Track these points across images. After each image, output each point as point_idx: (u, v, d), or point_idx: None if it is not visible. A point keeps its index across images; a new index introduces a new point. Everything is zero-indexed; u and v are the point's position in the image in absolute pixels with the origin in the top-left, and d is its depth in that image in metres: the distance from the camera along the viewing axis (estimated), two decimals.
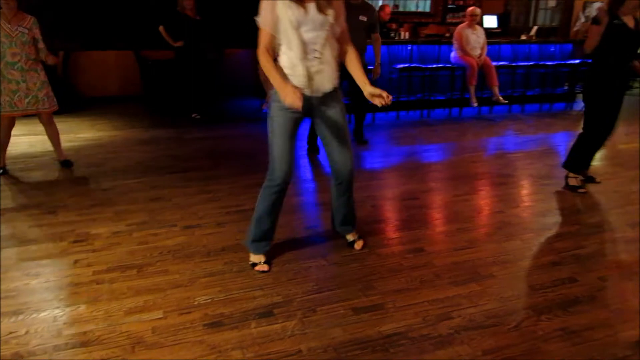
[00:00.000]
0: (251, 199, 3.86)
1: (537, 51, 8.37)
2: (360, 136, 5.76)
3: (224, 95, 8.29)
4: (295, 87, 2.41)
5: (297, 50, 2.46)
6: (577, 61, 8.13)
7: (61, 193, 4.03)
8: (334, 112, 2.67)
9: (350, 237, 3.08)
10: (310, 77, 2.52)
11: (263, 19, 2.46)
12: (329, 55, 2.55)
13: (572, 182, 4.11)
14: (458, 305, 2.46)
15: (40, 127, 4.55)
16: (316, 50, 2.49)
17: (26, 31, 4.27)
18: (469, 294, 2.56)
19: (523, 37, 8.84)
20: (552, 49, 8.46)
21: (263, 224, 2.79)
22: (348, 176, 2.79)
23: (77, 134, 6.03)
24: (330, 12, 2.46)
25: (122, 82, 8.51)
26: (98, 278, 2.69)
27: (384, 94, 2.47)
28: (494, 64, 7.49)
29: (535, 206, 3.85)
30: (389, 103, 2.48)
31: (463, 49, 7.28)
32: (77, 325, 2.26)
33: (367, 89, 2.56)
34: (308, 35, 2.46)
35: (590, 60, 4.03)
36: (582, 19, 11.51)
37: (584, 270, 2.82)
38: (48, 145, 4.73)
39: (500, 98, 7.50)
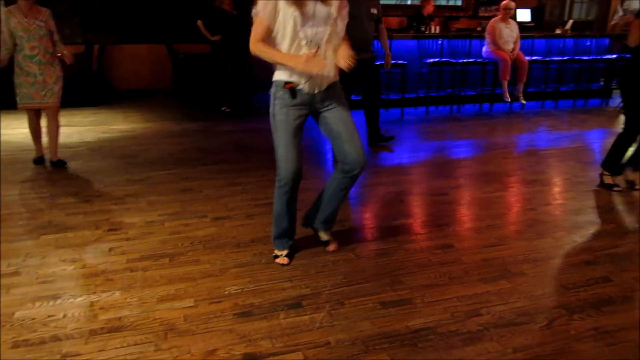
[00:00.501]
0: None
1: (572, 45, 8.17)
2: (378, 135, 5.43)
3: (253, 89, 8.35)
4: (287, 87, 2.40)
5: (299, 49, 2.42)
6: (614, 56, 7.91)
7: (96, 183, 4.14)
8: (338, 104, 2.62)
9: (325, 237, 2.96)
10: (310, 75, 2.46)
11: (263, 9, 2.37)
12: (330, 50, 2.47)
13: (607, 180, 4.01)
14: (487, 302, 2.44)
15: (77, 118, 4.67)
16: (319, 46, 2.42)
17: (43, 24, 4.34)
18: (499, 291, 2.53)
19: (558, 31, 8.62)
20: (588, 43, 8.24)
21: (281, 222, 2.79)
22: (361, 165, 2.64)
23: (111, 125, 6.17)
24: (334, 3, 2.41)
25: (154, 76, 8.67)
26: (132, 266, 2.76)
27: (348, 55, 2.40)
28: (527, 58, 7.35)
29: (568, 204, 3.78)
30: (350, 65, 2.39)
31: (496, 43, 7.15)
32: (112, 311, 2.33)
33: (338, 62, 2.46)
34: (311, 30, 2.40)
35: (629, 55, 3.91)
36: (620, 12, 11.15)
37: (619, 270, 2.76)
38: (84, 136, 4.87)
39: (522, 97, 7.37)
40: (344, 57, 2.41)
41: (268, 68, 2.65)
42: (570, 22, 9.26)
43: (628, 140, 3.89)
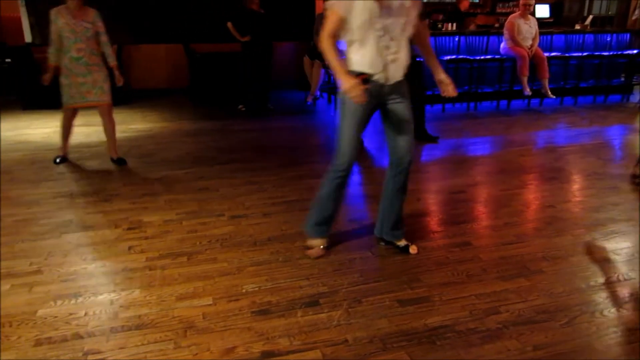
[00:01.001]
0: (296, 190, 3.93)
1: (592, 41, 8.04)
2: (425, 134, 5.45)
3: (270, 88, 8.40)
4: (360, 80, 2.39)
5: (374, 38, 2.45)
6: (635, 51, 7.76)
7: (115, 182, 4.20)
8: (402, 100, 2.67)
9: (402, 243, 2.93)
10: (385, 66, 2.51)
11: (339, 1, 2.41)
12: (404, 43, 2.54)
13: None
14: (506, 300, 2.42)
15: (97, 118, 4.72)
16: (393, 39, 2.48)
17: (90, 26, 4.33)
18: (518, 289, 2.51)
19: (577, 27, 8.49)
20: (608, 39, 8.10)
21: (325, 208, 2.82)
22: (408, 163, 2.74)
23: (130, 125, 6.24)
24: None
25: (171, 75, 8.76)
26: (151, 264, 2.79)
27: (452, 85, 2.62)
28: (546, 54, 7.25)
29: (588, 201, 3.72)
30: (455, 94, 2.62)
31: (514, 39, 7.07)
32: (132, 309, 2.36)
33: (440, 74, 2.70)
34: (386, 22, 2.43)
35: None
36: None
37: (639, 268, 2.72)
38: (103, 136, 4.91)
39: (549, 92, 7.27)
40: (446, 86, 2.71)
41: (282, 68, 2.69)
42: (590, 17, 9.11)
43: None
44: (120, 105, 7.30)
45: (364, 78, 2.48)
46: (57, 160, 4.72)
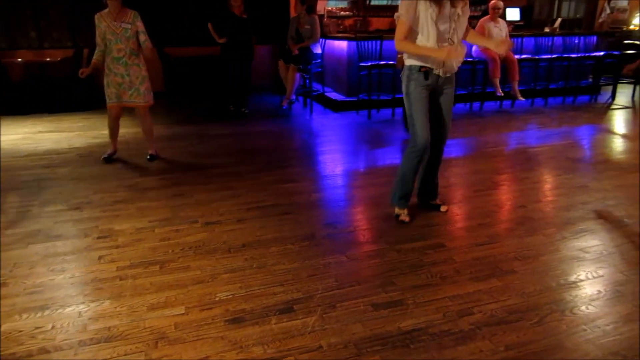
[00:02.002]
0: (271, 195, 3.91)
1: (561, 44, 8.21)
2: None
3: (249, 92, 8.38)
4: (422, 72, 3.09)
5: (433, 40, 2.98)
6: (602, 53, 7.95)
7: (86, 189, 4.11)
8: (451, 90, 3.27)
9: (435, 202, 3.61)
10: (443, 62, 3.04)
11: (405, 14, 3.00)
12: (458, 41, 3.07)
13: None
14: (479, 300, 2.44)
15: (65, 124, 4.63)
16: (448, 39, 3.01)
17: (129, 26, 4.50)
18: (490, 290, 2.53)
19: (547, 30, 8.67)
20: (576, 41, 8.29)
21: (407, 182, 3.34)
22: (444, 141, 3.41)
23: (102, 130, 6.12)
24: (460, 4, 2.99)
25: None
26: (122, 274, 2.74)
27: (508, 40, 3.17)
28: (517, 57, 7.38)
29: (558, 201, 3.79)
30: (512, 46, 3.11)
31: None
32: (102, 321, 2.31)
33: (490, 43, 3.23)
34: (443, 26, 2.97)
35: None
36: (608, 10, 11.23)
37: (608, 265, 2.77)
38: (73, 142, 4.84)
39: (519, 94, 7.41)
40: (503, 45, 3.11)
41: (257, 71, 2.70)
42: (559, 20, 9.31)
43: None
44: (93, 109, 7.19)
45: (425, 70, 3.08)
46: (105, 156, 4.86)
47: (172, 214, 3.56)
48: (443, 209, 3.57)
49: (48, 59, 7.81)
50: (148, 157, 4.94)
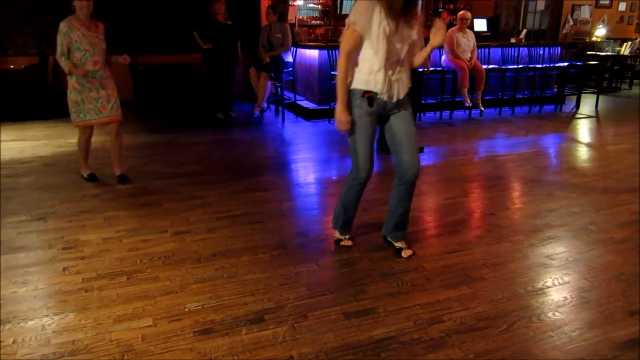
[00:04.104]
0: (241, 204, 3.88)
1: (527, 54, 8.44)
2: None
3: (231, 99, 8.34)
4: (365, 97, 2.70)
5: (382, 59, 2.62)
6: (566, 63, 8.19)
7: (51, 199, 4.00)
8: (406, 114, 2.86)
9: (398, 244, 3.09)
10: (390, 84, 2.69)
11: (359, 20, 2.58)
12: (407, 65, 2.78)
13: None
14: (449, 308, 2.46)
15: (30, 133, 4.51)
16: (398, 60, 2.68)
17: (103, 37, 4.19)
18: (460, 297, 2.56)
19: (513, 40, 8.90)
20: (541, 52, 8.53)
21: (350, 211, 3.11)
22: (414, 176, 2.89)
23: (68, 139, 5.99)
24: (416, 27, 2.70)
25: None
26: (87, 285, 2.66)
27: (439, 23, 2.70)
28: (484, 67, 7.54)
29: (526, 208, 3.87)
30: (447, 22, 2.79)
31: (454, 52, 7.33)
32: (66, 334, 2.24)
33: (432, 42, 2.70)
34: (395, 46, 2.63)
35: None
36: (571, 22, 11.61)
37: (573, 272, 2.83)
38: (38, 151, 4.71)
39: (480, 103, 7.59)
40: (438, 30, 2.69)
41: (238, 81, 2.71)
42: (524, 31, 9.58)
43: None
44: (58, 118, 7.02)
45: (369, 96, 2.70)
46: (87, 177, 4.50)
47: (141, 224, 3.50)
48: (404, 254, 3.02)
49: (12, 67, 7.61)
50: (118, 178, 4.46)
